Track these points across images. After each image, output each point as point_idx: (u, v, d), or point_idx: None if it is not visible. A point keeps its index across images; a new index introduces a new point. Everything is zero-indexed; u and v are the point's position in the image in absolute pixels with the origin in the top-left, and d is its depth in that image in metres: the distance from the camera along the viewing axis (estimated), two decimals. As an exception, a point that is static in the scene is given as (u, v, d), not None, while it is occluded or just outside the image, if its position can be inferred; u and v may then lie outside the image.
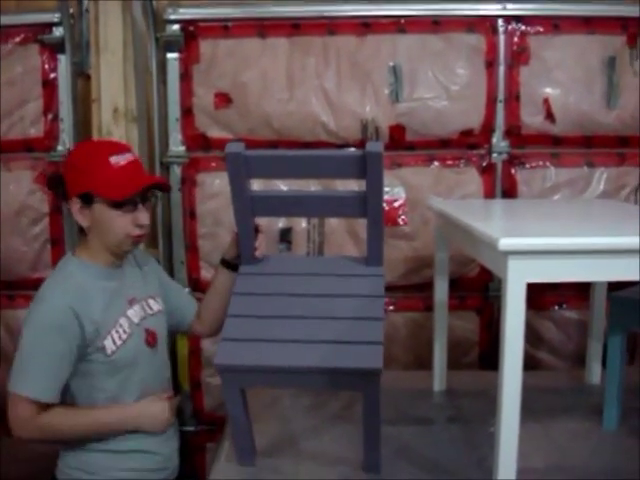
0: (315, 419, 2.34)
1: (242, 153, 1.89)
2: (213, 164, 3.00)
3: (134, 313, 1.89)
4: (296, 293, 1.98)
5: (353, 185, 2.87)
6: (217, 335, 2.11)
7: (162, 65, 2.95)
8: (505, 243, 1.64)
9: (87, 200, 1.78)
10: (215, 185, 2.98)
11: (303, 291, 1.99)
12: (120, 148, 1.88)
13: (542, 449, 2.09)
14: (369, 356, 1.74)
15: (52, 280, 1.83)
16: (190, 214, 3.01)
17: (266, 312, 1.92)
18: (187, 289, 2.97)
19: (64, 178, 1.83)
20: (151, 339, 1.91)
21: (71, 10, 2.86)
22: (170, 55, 2.93)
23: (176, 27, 2.90)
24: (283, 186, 2.88)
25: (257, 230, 2.07)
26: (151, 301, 1.97)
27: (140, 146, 2.81)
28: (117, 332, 1.82)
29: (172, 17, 2.89)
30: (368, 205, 1.95)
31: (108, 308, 1.82)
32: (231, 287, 2.02)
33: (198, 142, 2.99)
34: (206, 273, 3.02)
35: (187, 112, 2.97)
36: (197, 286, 3.02)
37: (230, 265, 2.11)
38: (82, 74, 2.94)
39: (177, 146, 2.99)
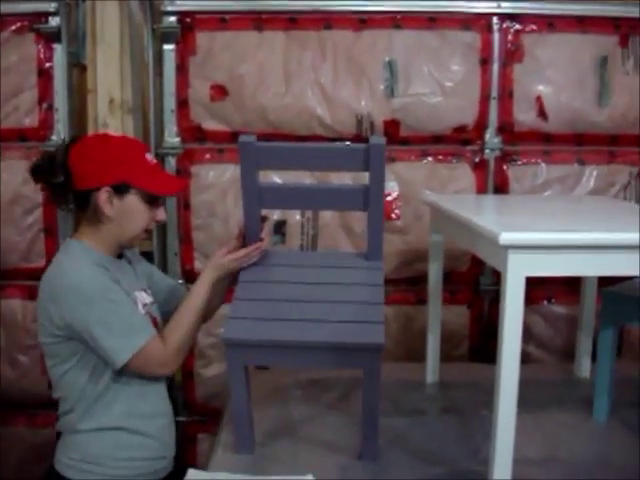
0: (313, 409, 2.37)
1: (254, 143, 1.96)
2: (208, 156, 3.01)
3: (140, 296, 1.94)
4: (300, 281, 2.07)
5: (347, 180, 2.93)
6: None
7: (158, 57, 2.95)
8: (505, 237, 1.68)
9: (121, 190, 1.81)
10: (209, 177, 3.00)
11: (307, 280, 2.07)
12: (148, 147, 2.03)
13: (535, 440, 2.13)
14: (371, 333, 1.84)
15: (66, 258, 1.83)
16: (184, 205, 3.02)
17: (271, 296, 2.01)
18: (180, 280, 2.99)
19: (75, 166, 1.81)
20: (155, 323, 1.95)
21: (68, 1, 2.85)
22: (166, 47, 2.93)
23: (173, 19, 2.90)
24: (277, 178, 2.91)
25: (263, 220, 2.11)
26: (144, 293, 1.99)
27: (135, 137, 2.82)
28: (138, 304, 1.89)
29: (169, 9, 2.89)
30: (370, 198, 2.02)
31: (122, 284, 1.86)
32: (223, 289, 2.12)
33: (193, 134, 3.00)
34: (200, 264, 3.04)
35: (183, 104, 2.97)
36: (190, 277, 3.02)
37: None
38: (78, 64, 2.94)
39: (172, 137, 2.99)
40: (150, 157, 1.89)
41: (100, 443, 1.87)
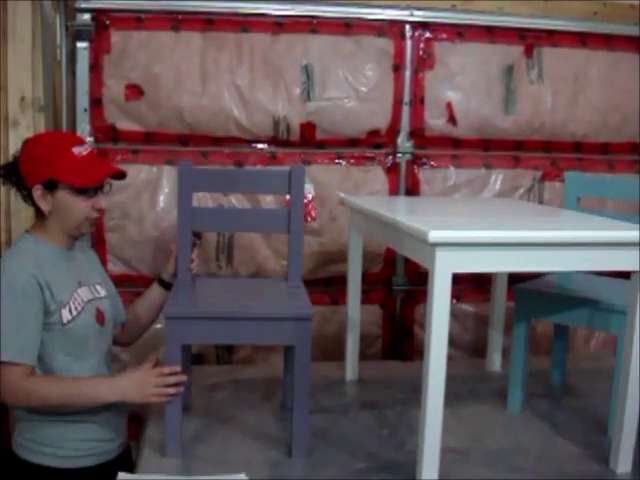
0: (237, 408, 2.39)
1: (192, 167, 2.19)
2: (121, 156, 2.96)
3: (83, 292, 1.98)
4: (230, 288, 2.33)
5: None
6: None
7: (72, 54, 2.89)
8: (434, 235, 1.74)
9: (50, 186, 1.91)
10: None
11: (236, 287, 2.35)
12: (79, 140, 2.06)
13: (454, 431, 2.20)
14: (299, 308, 2.02)
15: (9, 254, 1.94)
16: (97, 207, 2.95)
17: (205, 291, 2.24)
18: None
19: (20, 166, 1.92)
20: (100, 318, 2.00)
21: (-23, -5, 2.76)
22: (80, 44, 2.87)
23: (87, 16, 2.84)
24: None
25: (194, 244, 2.27)
26: (98, 287, 2.07)
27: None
28: (73, 304, 1.92)
29: (83, 6, 2.82)
30: (291, 221, 2.23)
31: (60, 283, 1.91)
32: (162, 303, 2.16)
33: (107, 134, 2.95)
34: (113, 267, 2.99)
35: (96, 103, 2.92)
36: (103, 280, 2.98)
37: (165, 284, 2.28)
38: (-13, 61, 2.83)
39: (85, 137, 2.92)
40: (79, 150, 1.96)
41: (52, 424, 1.93)
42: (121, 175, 2.09)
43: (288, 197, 2.25)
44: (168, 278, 2.29)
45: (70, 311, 1.91)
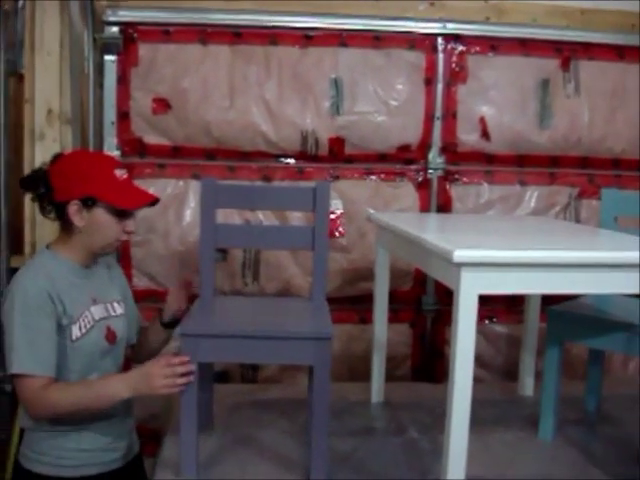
0: (256, 429, 2.33)
1: (215, 183, 2.20)
2: (148, 170, 2.94)
3: (96, 310, 1.95)
4: (250, 307, 2.27)
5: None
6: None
7: (99, 67, 2.88)
8: (459, 255, 1.67)
9: (89, 204, 1.90)
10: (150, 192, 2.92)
11: (256, 306, 2.29)
12: (119, 163, 2.05)
13: (482, 459, 2.12)
14: (319, 327, 1.98)
15: (25, 269, 1.92)
16: (123, 221, 2.93)
17: (224, 311, 2.21)
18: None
19: (52, 180, 1.92)
20: (111, 337, 1.97)
21: (5, 7, 2.76)
22: (108, 57, 2.86)
23: (115, 29, 2.84)
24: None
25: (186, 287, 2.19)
26: (115, 304, 2.04)
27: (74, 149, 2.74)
28: (83, 321, 1.90)
29: (111, 19, 2.82)
30: (315, 238, 2.19)
31: (73, 300, 1.90)
32: (167, 337, 2.19)
33: (134, 147, 2.93)
34: (138, 281, 2.96)
35: (123, 116, 2.90)
36: (129, 295, 2.95)
37: (165, 324, 2.19)
38: (15, 73, 2.83)
39: (112, 150, 2.91)
40: (120, 172, 1.97)
41: (49, 433, 1.91)
42: (154, 202, 2.09)
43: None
44: (167, 318, 2.17)
45: (80, 328, 1.89)
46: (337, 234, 2.96)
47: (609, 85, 3.04)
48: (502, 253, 1.72)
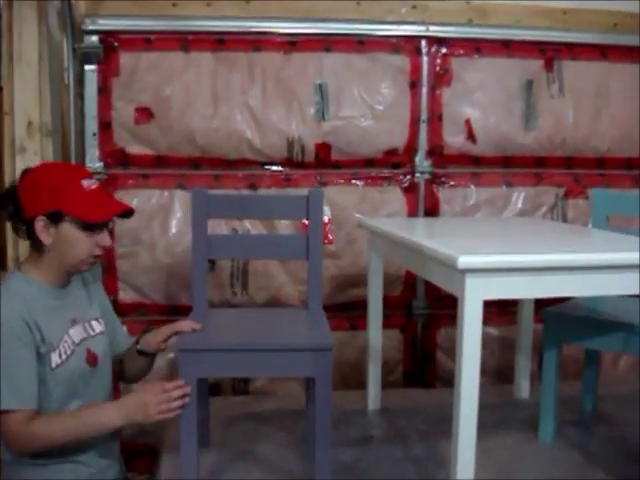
0: (256, 441, 2.29)
1: (206, 192, 2.16)
2: (131, 181, 2.89)
3: (75, 333, 1.85)
4: (246, 320, 2.20)
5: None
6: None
7: (79, 77, 2.82)
8: (464, 261, 1.65)
9: (55, 219, 1.78)
10: (134, 203, 2.85)
11: (253, 318, 2.21)
12: (87, 172, 1.94)
13: (483, 463, 2.08)
14: (319, 338, 1.93)
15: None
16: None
17: (221, 325, 2.13)
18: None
19: (20, 195, 1.80)
20: (92, 359, 1.87)
21: (-19, 17, 2.70)
22: (88, 67, 2.81)
23: (95, 38, 2.79)
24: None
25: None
26: (94, 322, 1.94)
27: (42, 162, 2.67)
28: (63, 347, 1.80)
29: (90, 28, 2.77)
30: (310, 246, 2.17)
31: (50, 325, 1.79)
32: (143, 366, 2.07)
33: (117, 158, 2.88)
34: (125, 294, 2.91)
35: (105, 127, 2.85)
36: (115, 309, 2.87)
37: (143, 352, 2.06)
38: (-7, 85, 2.77)
39: (94, 162, 2.86)
40: (88, 183, 1.84)
41: (30, 467, 1.81)
42: (129, 213, 1.97)
43: (304, 221, 2.16)
44: (144, 346, 2.03)
45: (60, 355, 1.78)
46: (326, 241, 2.93)
47: (593, 84, 3.05)
48: (508, 258, 1.71)
